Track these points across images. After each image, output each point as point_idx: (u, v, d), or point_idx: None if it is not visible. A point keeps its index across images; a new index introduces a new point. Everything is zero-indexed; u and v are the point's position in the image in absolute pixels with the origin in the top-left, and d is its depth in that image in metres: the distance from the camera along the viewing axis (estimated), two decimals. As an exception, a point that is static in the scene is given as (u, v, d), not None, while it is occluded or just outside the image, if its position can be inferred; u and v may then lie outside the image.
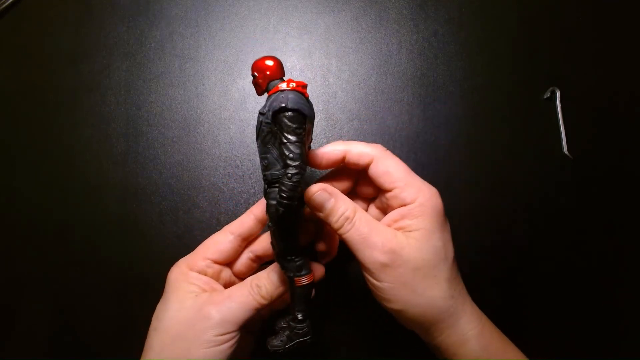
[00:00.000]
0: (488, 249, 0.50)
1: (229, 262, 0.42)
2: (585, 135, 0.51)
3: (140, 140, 0.51)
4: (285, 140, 0.34)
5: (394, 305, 0.36)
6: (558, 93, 0.51)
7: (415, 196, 0.38)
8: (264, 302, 0.38)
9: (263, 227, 0.42)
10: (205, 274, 0.40)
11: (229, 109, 0.51)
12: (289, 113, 0.34)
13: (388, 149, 0.50)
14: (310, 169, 0.43)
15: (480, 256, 0.49)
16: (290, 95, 0.34)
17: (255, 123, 0.37)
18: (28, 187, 0.50)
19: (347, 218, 0.37)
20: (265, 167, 0.36)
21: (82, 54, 0.52)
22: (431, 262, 0.36)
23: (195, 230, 0.49)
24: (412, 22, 0.53)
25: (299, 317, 0.39)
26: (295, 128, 0.34)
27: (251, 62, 0.51)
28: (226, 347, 0.36)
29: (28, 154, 0.51)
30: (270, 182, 0.36)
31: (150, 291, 0.45)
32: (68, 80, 0.52)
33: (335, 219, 0.37)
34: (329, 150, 0.39)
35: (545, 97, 0.52)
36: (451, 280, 0.37)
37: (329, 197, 0.37)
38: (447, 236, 0.38)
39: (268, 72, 0.36)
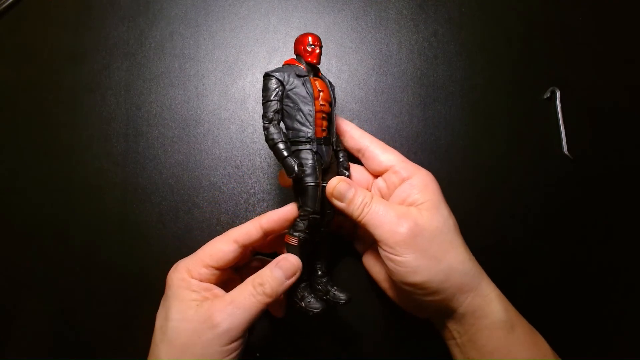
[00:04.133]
0: (488, 249, 0.50)
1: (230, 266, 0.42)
2: (585, 135, 0.51)
3: (140, 140, 0.51)
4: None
5: (419, 277, 0.37)
6: (558, 93, 0.51)
7: (413, 172, 0.42)
8: (268, 300, 0.37)
9: (266, 237, 0.42)
10: (208, 280, 0.40)
11: (229, 109, 0.51)
12: None
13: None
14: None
15: (480, 256, 0.49)
16: None
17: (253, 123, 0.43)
18: (28, 187, 0.50)
19: (365, 204, 0.39)
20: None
21: (82, 54, 0.52)
22: (444, 229, 0.39)
23: (195, 230, 0.49)
24: (412, 22, 0.53)
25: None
26: None
27: (251, 62, 0.51)
28: (233, 356, 0.36)
29: (28, 154, 0.51)
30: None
31: (150, 291, 0.45)
32: (68, 80, 0.52)
33: (356, 207, 0.39)
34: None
35: (545, 97, 0.52)
36: (466, 246, 0.40)
37: (349, 187, 0.40)
38: (449, 209, 0.42)
39: None
